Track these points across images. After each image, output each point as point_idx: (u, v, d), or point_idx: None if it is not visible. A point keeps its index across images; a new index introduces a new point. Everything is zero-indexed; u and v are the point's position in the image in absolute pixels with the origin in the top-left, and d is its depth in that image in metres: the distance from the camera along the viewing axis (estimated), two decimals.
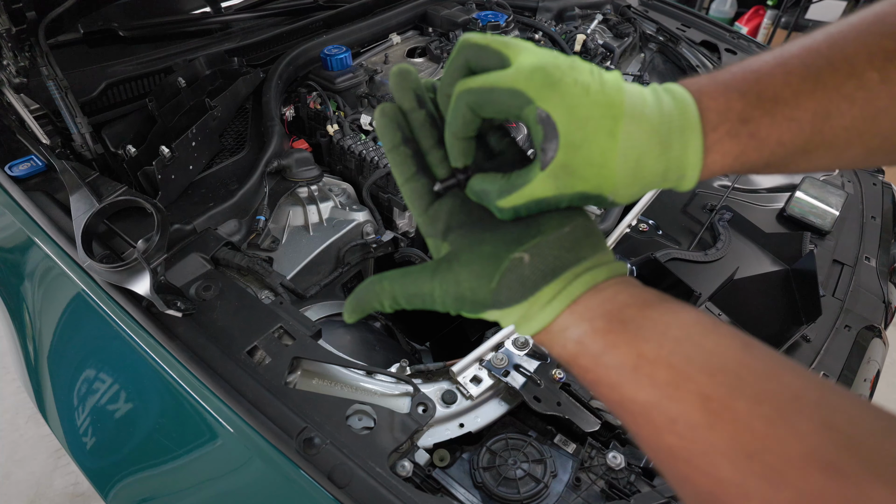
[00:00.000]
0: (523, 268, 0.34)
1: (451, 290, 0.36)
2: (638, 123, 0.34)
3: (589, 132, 0.34)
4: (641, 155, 0.34)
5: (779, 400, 0.27)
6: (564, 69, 0.34)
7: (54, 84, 0.96)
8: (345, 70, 1.31)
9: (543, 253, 0.35)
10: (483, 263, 0.35)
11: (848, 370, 0.94)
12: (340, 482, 0.64)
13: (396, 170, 0.39)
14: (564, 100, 0.34)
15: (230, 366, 0.74)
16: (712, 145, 0.35)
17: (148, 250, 0.79)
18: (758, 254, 1.04)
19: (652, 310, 0.32)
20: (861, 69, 0.34)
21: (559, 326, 0.34)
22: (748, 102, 0.35)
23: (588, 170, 0.34)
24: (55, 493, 1.72)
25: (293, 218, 1.10)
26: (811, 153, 0.36)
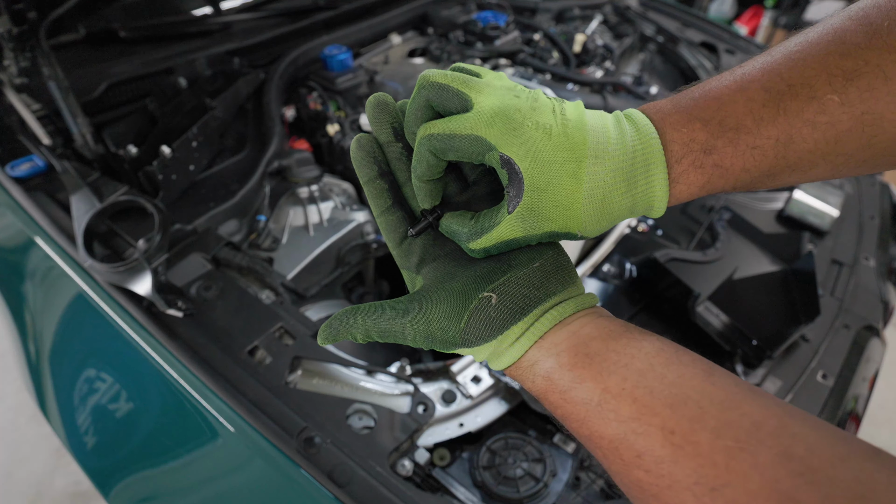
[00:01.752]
0: (490, 308, 0.35)
1: (422, 329, 0.36)
2: (602, 163, 0.35)
3: (552, 176, 0.34)
4: (607, 194, 0.35)
5: (739, 430, 0.27)
6: (525, 112, 0.34)
7: (55, 84, 0.97)
8: (345, 70, 1.31)
9: (511, 291, 0.35)
10: (452, 302, 0.36)
11: (846, 370, 0.94)
12: (341, 481, 0.64)
13: (372, 202, 0.40)
14: (526, 145, 0.34)
15: (231, 365, 0.74)
16: (677, 177, 0.35)
17: (149, 250, 0.79)
18: (757, 254, 1.05)
19: (616, 341, 0.33)
20: (821, 93, 0.34)
21: (527, 362, 0.34)
22: (711, 132, 0.35)
23: (554, 211, 0.35)
24: (56, 492, 1.72)
25: (293, 218, 1.11)
26: (776, 176, 0.36)
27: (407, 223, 0.40)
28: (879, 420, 1.95)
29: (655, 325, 0.93)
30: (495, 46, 1.54)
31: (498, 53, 1.55)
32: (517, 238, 0.36)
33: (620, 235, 1.08)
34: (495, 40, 1.55)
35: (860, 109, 0.33)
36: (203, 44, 1.34)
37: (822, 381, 0.92)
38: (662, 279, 0.95)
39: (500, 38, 1.56)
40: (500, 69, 1.53)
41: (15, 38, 0.95)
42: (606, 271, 1.01)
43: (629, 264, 1.02)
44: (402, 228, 0.40)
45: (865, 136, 0.34)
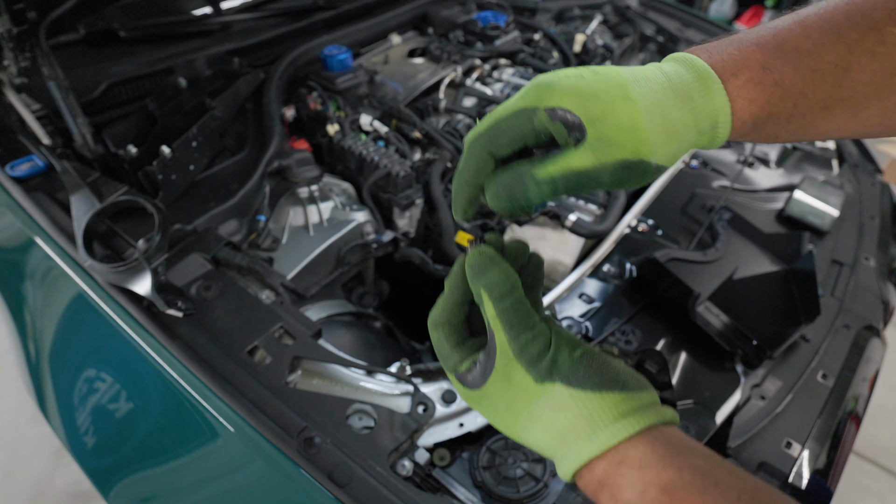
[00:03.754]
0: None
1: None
2: (647, 84, 0.36)
3: (605, 102, 0.35)
4: (665, 110, 0.35)
5: None
6: (552, 74, 0.36)
7: (55, 84, 0.97)
8: (345, 70, 1.31)
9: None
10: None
11: (847, 370, 0.94)
12: (341, 481, 0.64)
13: (448, 312, 0.43)
14: (566, 90, 0.35)
15: (231, 365, 0.74)
16: (737, 91, 0.36)
17: (149, 250, 0.79)
18: (757, 254, 1.05)
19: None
20: (881, 24, 0.34)
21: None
22: (767, 53, 0.36)
23: (620, 135, 0.35)
24: (56, 492, 1.72)
25: (293, 218, 1.11)
26: (831, 109, 0.36)
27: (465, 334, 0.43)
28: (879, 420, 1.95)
29: (656, 325, 0.93)
30: (495, 46, 1.54)
31: (498, 53, 1.55)
32: (588, 169, 0.36)
33: (620, 235, 1.08)
34: (495, 40, 1.55)
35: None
36: (203, 44, 1.34)
37: (823, 382, 0.92)
38: (662, 279, 0.95)
39: (500, 37, 1.56)
40: (500, 69, 1.53)
41: (15, 37, 0.95)
42: (606, 271, 1.01)
43: (629, 264, 1.02)
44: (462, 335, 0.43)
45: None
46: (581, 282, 0.99)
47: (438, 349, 0.43)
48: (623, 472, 0.33)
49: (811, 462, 0.81)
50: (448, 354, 0.42)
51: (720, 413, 0.83)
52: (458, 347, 0.42)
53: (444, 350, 0.42)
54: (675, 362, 0.88)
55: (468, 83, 1.45)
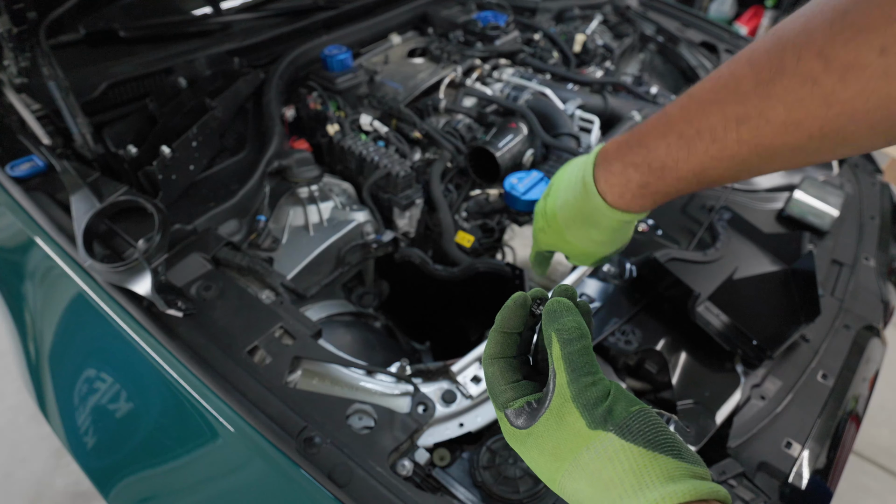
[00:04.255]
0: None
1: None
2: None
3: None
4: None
5: None
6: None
7: (55, 84, 0.97)
8: (345, 70, 1.31)
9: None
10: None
11: (847, 370, 0.94)
12: (341, 481, 0.64)
13: (498, 348, 0.45)
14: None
15: (231, 365, 0.74)
16: (626, 204, 0.55)
17: (149, 250, 0.79)
18: (757, 254, 1.05)
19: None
20: (721, 135, 0.44)
21: None
22: (642, 173, 0.51)
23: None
24: (56, 492, 1.72)
25: (293, 218, 1.11)
26: (754, 173, 0.47)
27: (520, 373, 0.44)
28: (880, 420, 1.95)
29: (656, 325, 0.93)
30: (495, 46, 1.54)
31: (498, 53, 1.55)
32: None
33: None
34: (495, 40, 1.55)
35: (753, 144, 0.42)
36: (203, 44, 1.34)
37: (823, 382, 0.92)
38: (662, 279, 0.95)
39: (500, 38, 1.56)
40: (500, 69, 1.53)
41: (15, 37, 0.95)
42: (606, 271, 1.01)
43: (629, 264, 1.02)
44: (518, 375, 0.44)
45: (761, 163, 0.44)
46: (581, 282, 0.99)
47: (492, 384, 0.43)
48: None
49: (811, 462, 0.81)
50: (502, 391, 0.43)
51: (720, 413, 0.83)
52: (512, 385, 0.43)
53: (499, 386, 0.43)
54: (675, 362, 0.88)
55: (468, 83, 1.45)
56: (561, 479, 0.38)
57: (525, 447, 0.41)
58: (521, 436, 0.41)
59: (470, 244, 1.14)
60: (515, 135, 1.25)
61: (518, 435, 0.41)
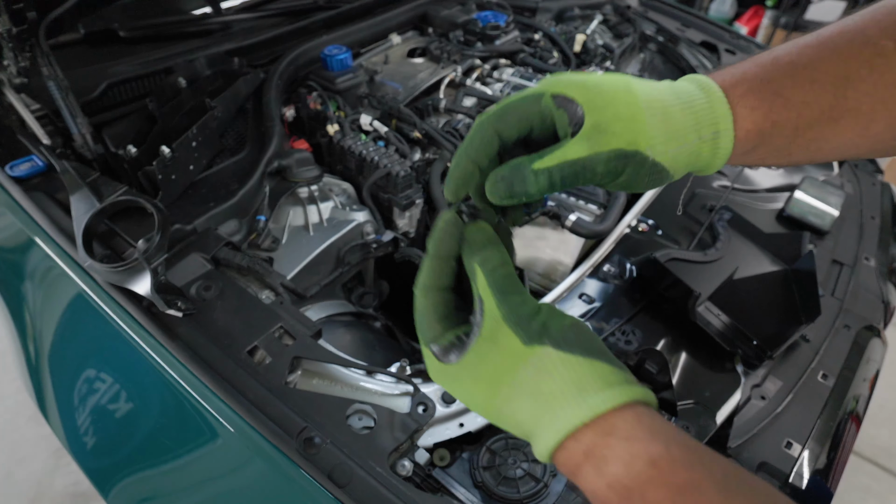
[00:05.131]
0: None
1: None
2: (651, 84, 0.37)
3: (607, 94, 0.36)
4: (666, 107, 0.36)
5: None
6: (562, 74, 0.38)
7: (55, 84, 0.96)
8: (345, 70, 1.31)
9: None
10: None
11: (847, 370, 0.94)
12: (341, 481, 0.64)
13: (431, 277, 0.41)
14: (574, 81, 0.37)
15: (231, 365, 0.74)
16: (737, 100, 0.36)
17: (149, 250, 0.79)
18: (757, 254, 1.05)
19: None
20: (875, 38, 0.35)
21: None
22: (764, 68, 0.37)
23: (618, 125, 0.36)
24: (56, 492, 1.72)
25: (293, 218, 1.11)
26: (838, 121, 0.36)
27: (450, 309, 0.41)
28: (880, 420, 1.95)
29: (656, 325, 0.92)
30: (495, 46, 1.54)
31: (498, 53, 1.55)
32: (582, 158, 0.36)
33: (620, 235, 1.08)
34: (495, 40, 1.55)
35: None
36: (203, 44, 1.34)
37: (823, 382, 0.92)
38: (663, 279, 0.95)
39: (500, 37, 1.56)
40: (500, 69, 1.53)
41: (14, 37, 0.95)
42: (607, 271, 1.01)
43: (629, 264, 1.02)
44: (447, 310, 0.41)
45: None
46: (581, 282, 0.99)
47: (421, 318, 0.40)
48: (610, 444, 0.33)
49: (811, 462, 0.81)
50: (430, 326, 0.40)
51: (720, 413, 0.83)
52: (442, 320, 0.40)
53: (428, 320, 0.40)
54: (675, 362, 0.88)
55: (468, 83, 1.45)
56: (499, 405, 0.37)
57: (457, 381, 0.39)
58: (453, 370, 0.39)
59: None
60: None
61: (448, 370, 0.39)
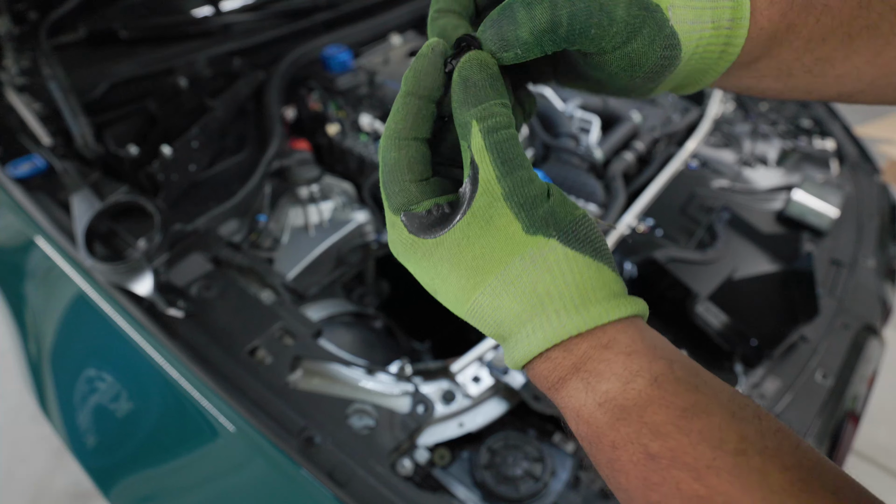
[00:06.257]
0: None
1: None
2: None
3: None
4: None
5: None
6: None
7: (56, 84, 0.97)
8: (345, 71, 1.31)
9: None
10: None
11: (846, 369, 0.95)
12: (341, 481, 0.65)
13: (409, 120, 0.33)
14: None
15: (231, 365, 0.74)
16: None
17: (149, 250, 0.80)
18: (756, 254, 1.05)
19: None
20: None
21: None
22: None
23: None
24: (57, 491, 1.72)
25: (294, 218, 1.11)
26: (854, 38, 0.34)
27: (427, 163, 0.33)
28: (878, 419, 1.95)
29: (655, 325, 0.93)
30: None
31: None
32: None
33: (620, 235, 1.08)
34: None
35: None
36: (203, 44, 1.34)
37: (822, 381, 0.92)
38: (662, 279, 0.95)
39: None
40: None
41: (16, 38, 0.95)
42: None
43: (629, 264, 1.02)
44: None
45: None
46: None
47: (391, 177, 0.32)
48: (607, 357, 0.28)
49: None
50: (402, 187, 0.32)
51: None
52: (419, 182, 0.32)
53: (400, 180, 0.32)
54: None
55: None
56: (478, 297, 0.31)
57: (430, 262, 0.32)
58: (427, 247, 0.31)
59: None
60: None
61: (420, 246, 0.32)
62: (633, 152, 1.29)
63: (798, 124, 1.53)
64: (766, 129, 1.46)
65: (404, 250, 0.34)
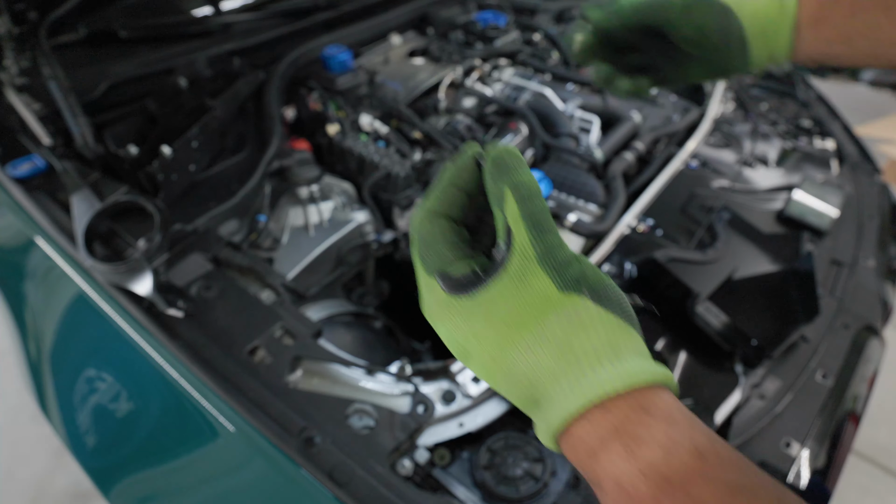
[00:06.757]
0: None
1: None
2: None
3: None
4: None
5: None
6: None
7: (56, 84, 0.97)
8: (345, 71, 1.31)
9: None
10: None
11: (846, 370, 0.94)
12: (341, 481, 0.64)
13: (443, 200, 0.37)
14: None
15: (231, 365, 0.74)
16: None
17: (149, 250, 0.80)
18: (756, 254, 1.05)
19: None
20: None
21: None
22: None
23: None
24: (57, 491, 1.72)
25: (294, 218, 1.11)
26: (892, 7, 0.38)
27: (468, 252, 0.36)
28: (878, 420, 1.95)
29: (655, 325, 0.93)
30: (495, 47, 1.54)
31: (498, 54, 1.55)
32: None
33: (620, 235, 1.08)
34: (495, 41, 1.55)
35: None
36: (203, 44, 1.34)
37: (822, 381, 0.92)
38: (662, 279, 0.95)
39: (499, 38, 1.56)
40: (500, 69, 1.53)
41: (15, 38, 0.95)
42: (606, 271, 1.01)
43: (629, 264, 1.02)
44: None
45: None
46: None
47: (428, 244, 0.35)
48: (647, 422, 0.28)
49: (810, 462, 0.81)
50: (440, 252, 0.34)
51: (720, 413, 0.84)
52: (454, 248, 0.35)
53: (437, 245, 0.34)
54: (674, 362, 0.88)
55: (468, 83, 1.45)
56: (514, 353, 0.32)
57: (466, 320, 0.33)
58: (463, 306, 0.33)
59: None
60: (515, 135, 1.25)
61: (455, 305, 0.33)
62: (634, 152, 1.29)
63: (798, 124, 1.53)
64: (766, 129, 1.46)
65: (439, 310, 0.35)
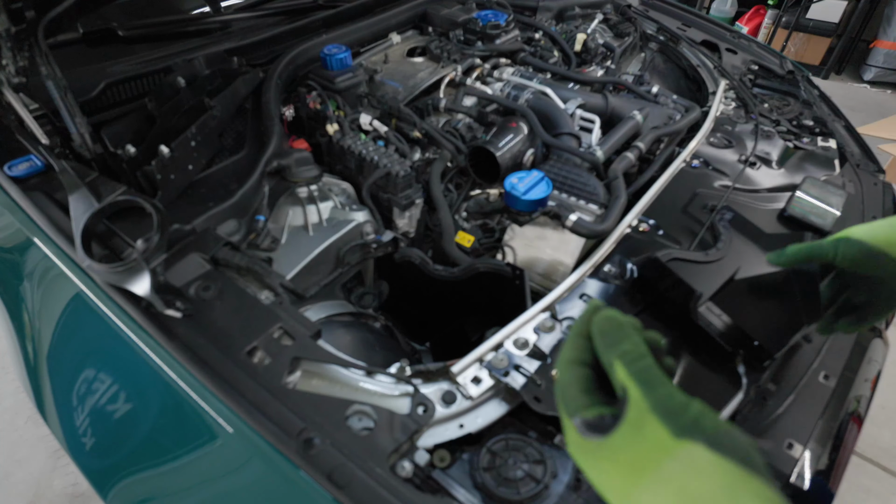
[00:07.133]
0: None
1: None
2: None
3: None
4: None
5: None
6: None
7: (53, 84, 0.96)
8: (344, 70, 1.30)
9: None
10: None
11: (848, 371, 0.94)
12: (340, 483, 0.64)
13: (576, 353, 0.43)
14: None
15: (230, 366, 0.74)
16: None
17: (147, 250, 0.79)
18: (759, 254, 1.04)
19: None
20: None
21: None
22: None
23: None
24: (55, 493, 1.71)
25: (293, 218, 1.10)
26: None
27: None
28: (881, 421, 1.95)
29: (657, 326, 0.92)
30: (495, 45, 1.54)
31: (498, 52, 1.54)
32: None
33: (621, 235, 1.08)
34: (495, 39, 1.55)
35: None
36: (202, 43, 1.34)
37: (824, 382, 0.91)
38: (664, 279, 0.95)
39: (500, 37, 1.56)
40: (500, 68, 1.52)
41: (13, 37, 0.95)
42: (607, 271, 1.01)
43: (630, 264, 1.01)
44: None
45: None
46: (582, 282, 0.98)
47: (565, 390, 0.41)
48: None
49: (813, 463, 0.81)
50: (575, 397, 0.40)
51: (722, 414, 0.83)
52: (587, 393, 0.40)
53: (572, 392, 0.41)
54: (676, 363, 0.88)
55: (468, 82, 1.45)
56: (637, 494, 0.36)
57: (596, 460, 0.39)
58: (593, 448, 0.39)
59: (470, 244, 1.13)
60: (516, 134, 1.24)
61: (588, 447, 0.39)
62: (635, 152, 1.28)
63: (801, 123, 1.52)
64: (768, 129, 1.45)
65: (575, 449, 0.41)
